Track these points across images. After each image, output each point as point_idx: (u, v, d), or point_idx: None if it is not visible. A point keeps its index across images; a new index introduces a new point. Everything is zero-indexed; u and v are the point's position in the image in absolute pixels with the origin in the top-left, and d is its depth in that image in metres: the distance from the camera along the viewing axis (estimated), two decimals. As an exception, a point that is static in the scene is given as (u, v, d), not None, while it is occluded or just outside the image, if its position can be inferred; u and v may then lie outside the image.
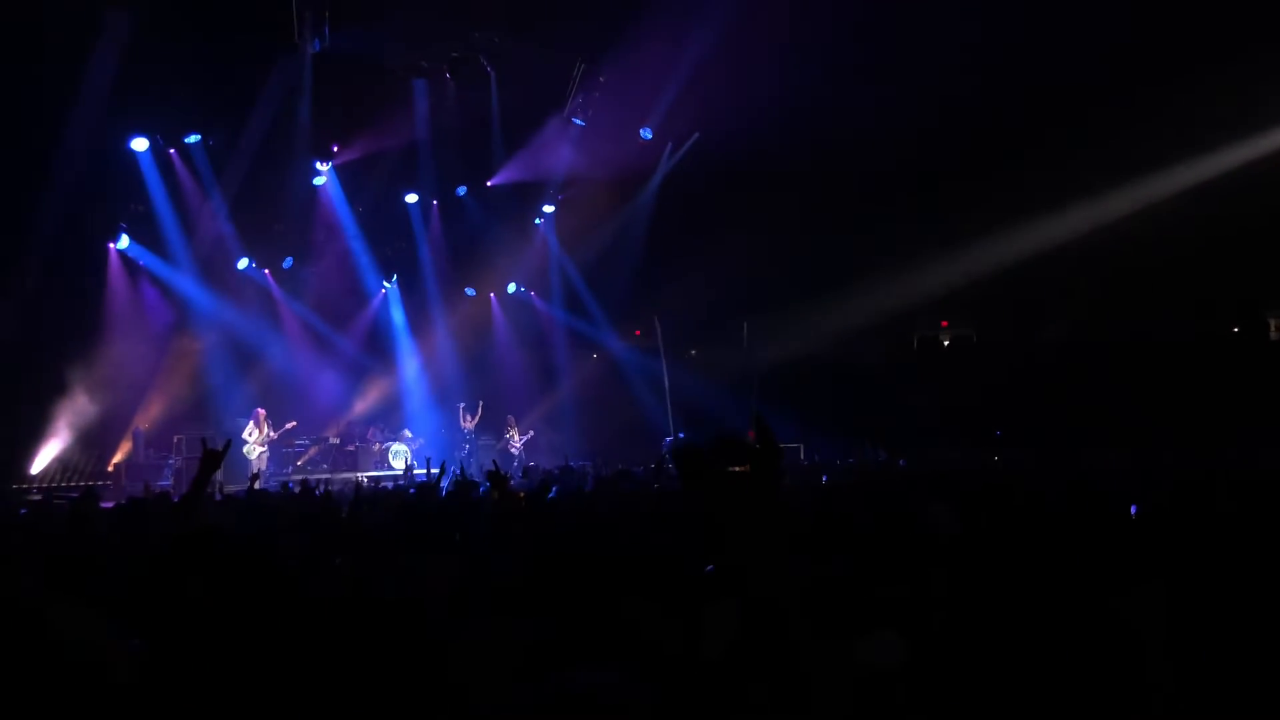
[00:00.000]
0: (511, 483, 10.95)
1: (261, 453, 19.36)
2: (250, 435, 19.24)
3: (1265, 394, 21.01)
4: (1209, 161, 21.98)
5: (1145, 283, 24.13)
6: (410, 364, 24.38)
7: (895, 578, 4.27)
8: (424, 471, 19.20)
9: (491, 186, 23.37)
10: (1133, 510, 8.37)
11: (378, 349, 24.00)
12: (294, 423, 20.59)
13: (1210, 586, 4.26)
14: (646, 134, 22.36)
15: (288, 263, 22.36)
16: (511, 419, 23.02)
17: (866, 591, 3.50)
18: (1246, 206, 21.18)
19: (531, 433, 23.28)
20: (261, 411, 19.59)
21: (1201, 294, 24.27)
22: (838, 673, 2.67)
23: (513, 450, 22.50)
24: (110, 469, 19.51)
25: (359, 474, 19.55)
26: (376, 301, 23.96)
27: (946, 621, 3.53)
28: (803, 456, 21.40)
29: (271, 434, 19.44)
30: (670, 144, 23.42)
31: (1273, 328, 26.40)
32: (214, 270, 20.99)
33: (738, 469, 3.07)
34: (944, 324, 29.85)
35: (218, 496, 11.62)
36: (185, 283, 20.49)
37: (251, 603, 2.90)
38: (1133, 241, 23.46)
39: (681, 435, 23.51)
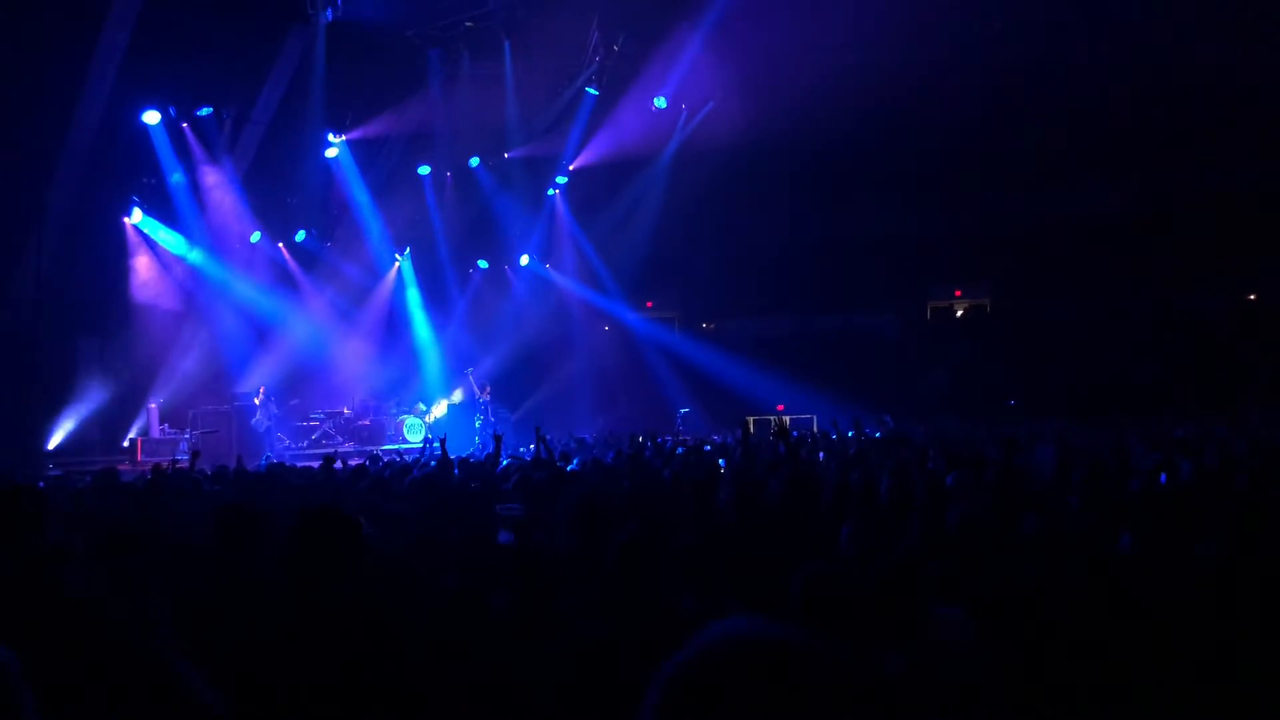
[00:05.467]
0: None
1: (269, 426, 19.54)
2: (258, 412, 19.44)
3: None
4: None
5: (1158, 253, 24.01)
6: (424, 336, 24.34)
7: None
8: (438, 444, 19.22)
9: (506, 158, 23.25)
10: (1162, 479, 8.35)
11: (391, 321, 23.96)
12: (295, 400, 20.88)
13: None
14: (661, 103, 22.18)
15: (301, 236, 22.29)
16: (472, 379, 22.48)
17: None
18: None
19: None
20: (262, 389, 19.78)
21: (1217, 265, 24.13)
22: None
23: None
24: (125, 445, 19.55)
25: (376, 448, 19.56)
26: (389, 274, 23.89)
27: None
28: (815, 427, 21.33)
29: (266, 415, 19.50)
30: (685, 113, 23.22)
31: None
32: (227, 244, 20.93)
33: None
34: (957, 294, 29.72)
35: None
36: (198, 256, 20.46)
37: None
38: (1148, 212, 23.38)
39: (686, 410, 23.51)
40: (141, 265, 20.14)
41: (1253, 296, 25.59)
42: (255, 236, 21.40)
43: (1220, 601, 3.83)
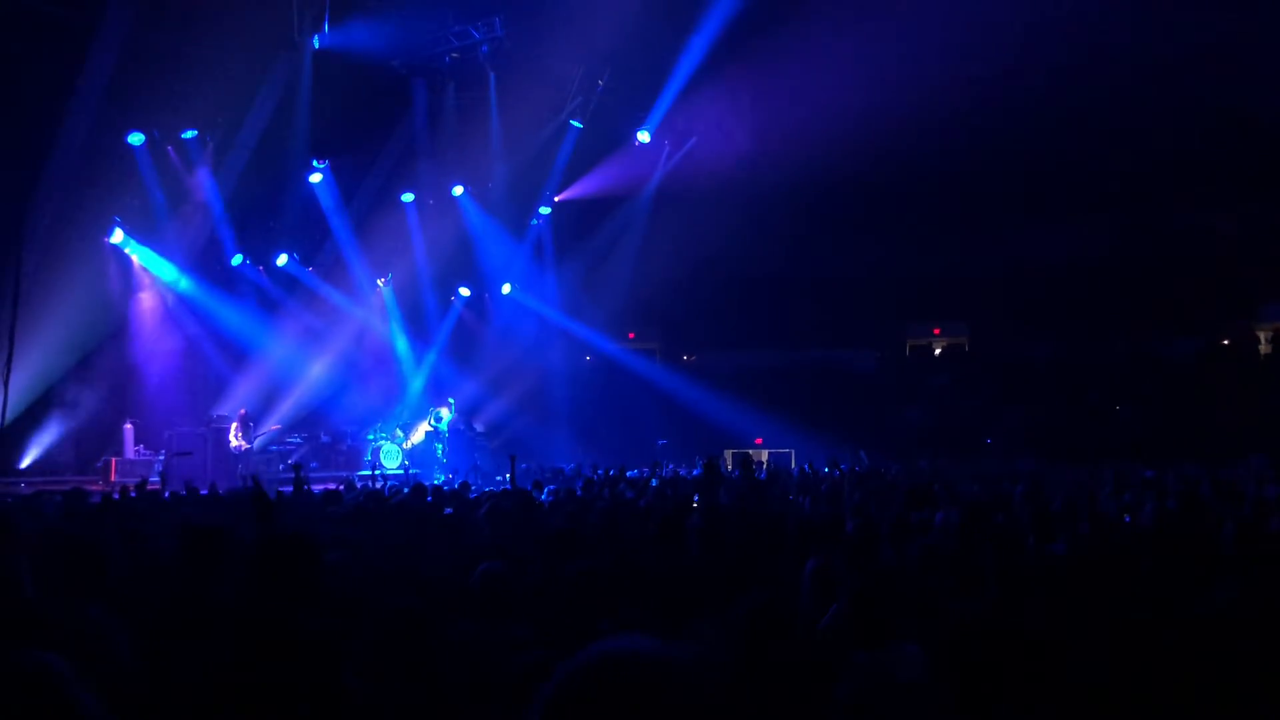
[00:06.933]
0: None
1: (247, 450, 19.41)
2: (234, 437, 19.24)
3: (1255, 407, 21.16)
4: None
5: (1133, 296, 24.31)
6: (405, 362, 24.30)
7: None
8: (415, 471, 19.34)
9: (489, 187, 23.35)
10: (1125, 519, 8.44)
11: (371, 347, 23.90)
12: (277, 425, 20.74)
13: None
14: (644, 137, 22.39)
15: (283, 260, 22.26)
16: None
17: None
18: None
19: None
20: (242, 411, 19.64)
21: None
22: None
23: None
24: (100, 465, 19.36)
25: (352, 474, 19.46)
26: (371, 299, 23.86)
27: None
28: (793, 463, 21.40)
29: (242, 443, 19.35)
30: (667, 148, 23.43)
31: (1262, 341, 26.57)
32: (208, 266, 20.90)
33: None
34: (936, 332, 29.96)
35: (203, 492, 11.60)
36: (179, 278, 20.42)
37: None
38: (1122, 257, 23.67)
39: (664, 441, 23.54)
40: (121, 285, 20.06)
41: (1226, 341, 25.91)
42: (237, 259, 21.38)
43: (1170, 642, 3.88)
